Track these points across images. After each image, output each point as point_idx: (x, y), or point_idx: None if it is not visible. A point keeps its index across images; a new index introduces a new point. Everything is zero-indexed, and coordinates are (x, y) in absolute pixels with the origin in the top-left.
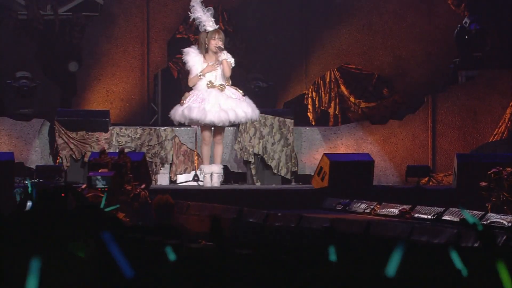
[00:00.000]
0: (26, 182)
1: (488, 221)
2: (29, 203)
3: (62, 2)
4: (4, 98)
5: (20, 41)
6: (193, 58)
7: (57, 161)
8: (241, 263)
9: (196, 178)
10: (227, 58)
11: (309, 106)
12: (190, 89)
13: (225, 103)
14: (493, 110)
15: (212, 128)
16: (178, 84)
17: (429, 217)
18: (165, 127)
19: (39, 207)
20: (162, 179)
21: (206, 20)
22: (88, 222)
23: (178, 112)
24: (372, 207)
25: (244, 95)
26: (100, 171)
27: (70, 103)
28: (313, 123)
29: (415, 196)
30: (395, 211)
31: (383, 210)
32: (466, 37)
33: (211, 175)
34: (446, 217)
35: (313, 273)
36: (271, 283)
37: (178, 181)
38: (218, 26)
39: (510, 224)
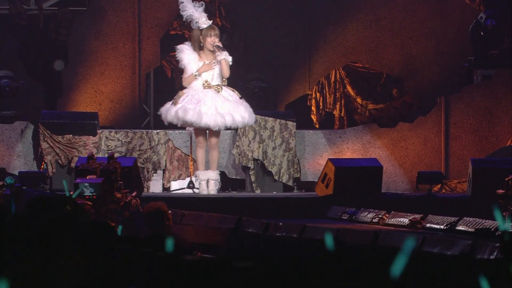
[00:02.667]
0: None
1: None
2: None
3: None
4: None
5: (2, 38)
6: (188, 55)
7: (42, 167)
8: (239, 276)
9: (191, 185)
10: (226, 57)
11: (313, 108)
12: (184, 88)
13: (222, 106)
14: (510, 112)
15: (207, 132)
16: (172, 84)
17: (442, 227)
18: (158, 130)
19: (30, 215)
20: (155, 186)
21: (199, 17)
22: (80, 232)
23: (171, 113)
24: (380, 216)
25: (241, 98)
26: (88, 177)
27: (56, 105)
28: (317, 126)
29: (426, 205)
30: (405, 220)
31: (392, 219)
32: (482, 33)
33: (207, 181)
34: (460, 227)
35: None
36: None
37: (171, 189)
38: (211, 21)
39: None
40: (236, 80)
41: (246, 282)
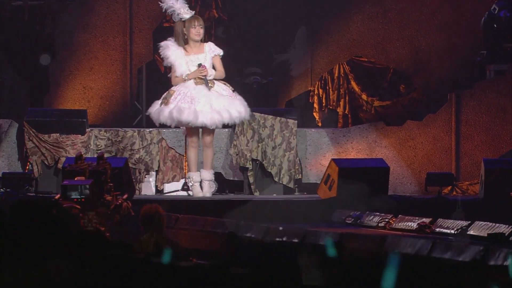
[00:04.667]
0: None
1: None
2: None
3: None
4: None
5: None
6: (174, 52)
7: (27, 167)
8: (237, 283)
9: (185, 187)
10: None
11: (315, 105)
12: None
13: (217, 103)
14: None
15: (200, 130)
16: (165, 79)
17: (452, 231)
18: (150, 129)
19: (14, 220)
20: (147, 188)
21: (180, 7)
22: (67, 239)
23: (164, 114)
24: (387, 220)
25: (233, 91)
26: (76, 179)
27: (42, 102)
28: (320, 124)
29: (436, 208)
30: (414, 224)
31: (400, 223)
32: (495, 25)
33: (201, 183)
34: (472, 232)
35: None
36: None
37: (165, 191)
38: (193, 11)
39: None
40: (234, 75)
41: None
